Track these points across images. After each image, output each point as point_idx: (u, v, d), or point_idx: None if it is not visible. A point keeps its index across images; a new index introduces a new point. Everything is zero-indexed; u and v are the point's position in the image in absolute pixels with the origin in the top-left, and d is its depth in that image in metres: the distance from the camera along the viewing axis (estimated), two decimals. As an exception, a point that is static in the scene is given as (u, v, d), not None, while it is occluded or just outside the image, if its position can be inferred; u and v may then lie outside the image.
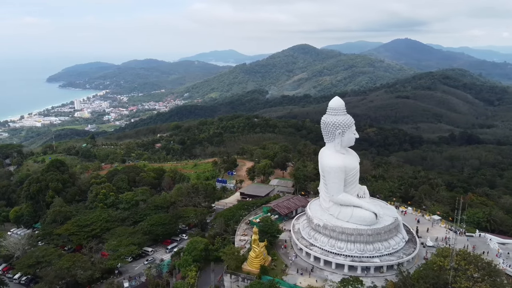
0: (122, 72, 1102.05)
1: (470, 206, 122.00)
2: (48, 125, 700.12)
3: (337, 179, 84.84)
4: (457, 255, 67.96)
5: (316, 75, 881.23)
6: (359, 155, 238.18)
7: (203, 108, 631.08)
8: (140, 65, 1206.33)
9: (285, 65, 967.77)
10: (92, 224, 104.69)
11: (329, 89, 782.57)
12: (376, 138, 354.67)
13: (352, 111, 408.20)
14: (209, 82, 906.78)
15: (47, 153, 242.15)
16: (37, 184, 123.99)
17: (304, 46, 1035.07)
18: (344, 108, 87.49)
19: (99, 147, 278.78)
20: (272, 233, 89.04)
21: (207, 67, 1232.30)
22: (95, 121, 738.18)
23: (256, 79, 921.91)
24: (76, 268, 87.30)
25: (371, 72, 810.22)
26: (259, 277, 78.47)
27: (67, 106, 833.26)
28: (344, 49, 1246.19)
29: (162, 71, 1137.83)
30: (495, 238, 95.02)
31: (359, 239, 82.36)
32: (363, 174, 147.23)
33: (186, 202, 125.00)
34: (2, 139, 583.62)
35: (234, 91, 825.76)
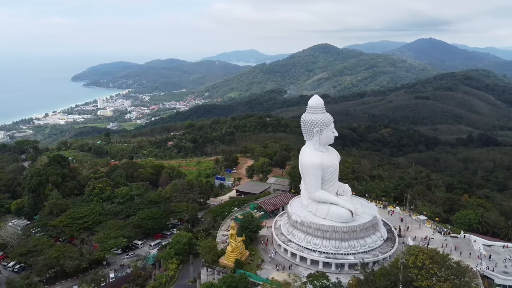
0: (145, 71, 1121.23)
1: (465, 207, 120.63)
2: (71, 122, 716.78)
3: (314, 176, 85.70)
4: (423, 254, 67.78)
5: (337, 75, 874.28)
6: (368, 154, 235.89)
7: (221, 107, 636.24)
8: (162, 64, 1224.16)
9: (305, 64, 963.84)
10: (85, 217, 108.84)
11: (349, 89, 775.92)
12: (390, 139, 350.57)
13: (370, 112, 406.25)
14: (228, 81, 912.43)
15: (61, 149, 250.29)
16: (38, 177, 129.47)
17: (324, 45, 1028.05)
18: (323, 106, 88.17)
19: (113, 144, 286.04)
20: (252, 228, 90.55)
21: (227, 67, 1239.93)
22: (117, 119, 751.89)
23: (276, 79, 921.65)
24: (64, 258, 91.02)
25: (393, 72, 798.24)
26: (234, 271, 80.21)
27: (90, 104, 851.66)
28: (367, 48, 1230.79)
29: (184, 70, 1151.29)
30: (480, 239, 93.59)
31: (334, 236, 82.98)
32: (359, 173, 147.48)
33: (181, 198, 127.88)
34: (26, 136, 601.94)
35: (253, 91, 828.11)
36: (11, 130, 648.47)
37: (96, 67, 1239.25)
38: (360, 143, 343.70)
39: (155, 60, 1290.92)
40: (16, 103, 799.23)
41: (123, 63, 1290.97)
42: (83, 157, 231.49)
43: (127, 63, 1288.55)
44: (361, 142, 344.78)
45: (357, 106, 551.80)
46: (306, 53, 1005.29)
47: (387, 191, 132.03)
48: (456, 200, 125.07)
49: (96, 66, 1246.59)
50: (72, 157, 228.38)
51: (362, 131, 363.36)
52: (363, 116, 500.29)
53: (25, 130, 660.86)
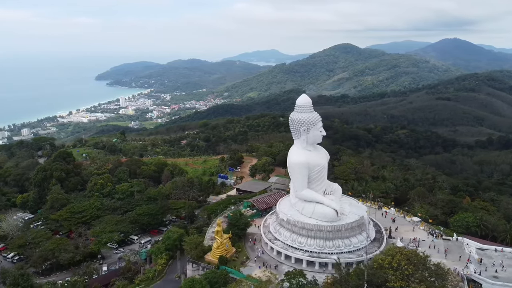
0: (167, 71, 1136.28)
1: (466, 210, 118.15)
2: (94, 121, 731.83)
3: (300, 175, 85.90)
4: (400, 255, 67.05)
5: (357, 75, 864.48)
6: (378, 156, 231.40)
7: (239, 107, 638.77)
8: (184, 64, 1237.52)
9: (325, 64, 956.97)
10: (84, 211, 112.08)
11: (370, 89, 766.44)
12: (407, 140, 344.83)
13: (389, 112, 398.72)
14: (248, 81, 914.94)
15: (76, 146, 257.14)
16: (43, 172, 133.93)
17: (346, 45, 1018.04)
18: (310, 105, 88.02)
19: (128, 142, 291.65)
20: (240, 226, 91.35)
21: (248, 67, 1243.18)
22: (138, 118, 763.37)
23: (295, 79, 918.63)
24: (59, 251, 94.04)
25: (415, 73, 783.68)
26: (218, 267, 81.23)
27: (113, 103, 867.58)
28: (390, 48, 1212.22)
29: (205, 70, 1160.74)
30: (473, 243, 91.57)
31: (319, 235, 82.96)
32: (362, 174, 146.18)
33: (180, 195, 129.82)
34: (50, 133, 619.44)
35: (273, 91, 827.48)
36: (36, 127, 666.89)
37: (119, 67, 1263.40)
38: (375, 144, 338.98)
39: (177, 60, 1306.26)
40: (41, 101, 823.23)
41: (146, 63, 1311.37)
42: (97, 154, 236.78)
43: (149, 63, 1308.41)
44: (376, 143, 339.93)
45: (377, 107, 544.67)
46: (327, 53, 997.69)
47: (387, 192, 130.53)
48: (457, 202, 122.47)
49: (120, 66, 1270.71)
50: (86, 154, 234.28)
51: (377, 132, 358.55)
52: (382, 116, 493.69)
53: (49, 128, 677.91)
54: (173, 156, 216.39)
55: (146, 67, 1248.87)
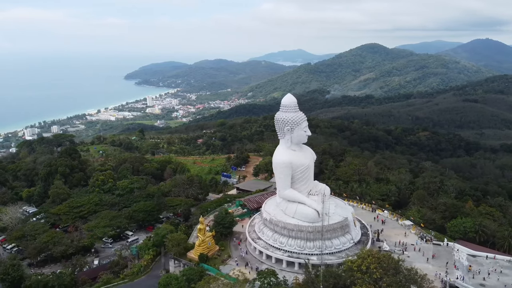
0: (193, 71, 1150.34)
1: (467, 215, 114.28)
2: (121, 119, 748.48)
3: (282, 174, 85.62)
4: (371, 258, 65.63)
5: (384, 75, 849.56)
6: (390, 157, 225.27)
7: (261, 107, 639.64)
8: (210, 65, 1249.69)
9: (351, 64, 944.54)
10: (82, 206, 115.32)
11: (396, 90, 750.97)
12: (428, 143, 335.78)
13: (414, 114, 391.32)
14: (272, 81, 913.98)
15: (94, 143, 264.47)
16: (48, 168, 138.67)
17: (373, 45, 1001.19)
18: (295, 105, 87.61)
19: (146, 140, 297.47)
20: (224, 224, 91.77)
21: (273, 67, 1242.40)
22: (164, 117, 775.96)
23: (321, 79, 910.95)
24: (53, 244, 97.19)
25: (444, 74, 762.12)
26: (198, 264, 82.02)
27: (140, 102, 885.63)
28: (420, 49, 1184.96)
29: (230, 71, 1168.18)
30: (465, 249, 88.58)
31: (299, 235, 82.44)
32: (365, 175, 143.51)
33: (179, 193, 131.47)
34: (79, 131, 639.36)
35: (297, 91, 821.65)
36: (65, 124, 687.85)
37: (147, 67, 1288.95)
38: (395, 146, 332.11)
39: (203, 61, 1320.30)
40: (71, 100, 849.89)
41: (174, 63, 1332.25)
42: (113, 151, 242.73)
43: (177, 63, 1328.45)
44: (396, 145, 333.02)
45: (402, 108, 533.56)
46: (354, 52, 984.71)
47: (387, 194, 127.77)
48: (459, 207, 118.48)
49: (148, 66, 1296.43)
50: (102, 151, 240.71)
51: (397, 133, 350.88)
52: (407, 118, 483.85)
53: (78, 125, 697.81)
54: (183, 155, 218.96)
55: (173, 67, 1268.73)
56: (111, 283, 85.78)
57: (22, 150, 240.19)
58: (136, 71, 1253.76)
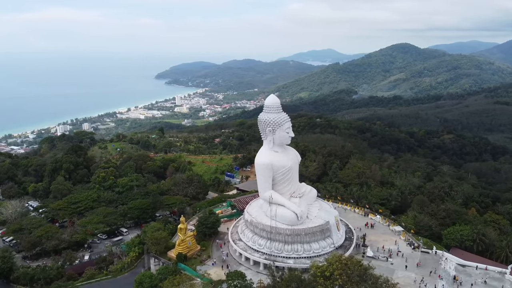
0: (222, 71, 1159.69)
1: (469, 222, 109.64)
2: (150, 118, 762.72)
3: (262, 176, 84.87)
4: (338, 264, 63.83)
5: (415, 76, 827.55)
6: (404, 160, 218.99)
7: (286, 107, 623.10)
8: (238, 65, 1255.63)
9: (381, 64, 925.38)
10: (79, 202, 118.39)
11: (427, 91, 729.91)
12: (452, 146, 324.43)
13: (443, 116, 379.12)
14: (299, 81, 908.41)
15: (113, 140, 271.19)
16: (54, 164, 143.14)
17: (404, 45, 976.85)
18: (278, 106, 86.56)
19: (165, 138, 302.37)
20: (207, 225, 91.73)
21: (301, 66, 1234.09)
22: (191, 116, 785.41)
23: (349, 79, 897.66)
24: (46, 238, 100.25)
25: (477, 75, 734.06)
26: (176, 263, 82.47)
27: (169, 101, 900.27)
28: (453, 49, 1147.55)
29: (258, 70, 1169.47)
30: (454, 258, 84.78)
31: (277, 238, 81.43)
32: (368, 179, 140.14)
33: (178, 191, 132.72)
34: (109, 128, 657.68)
35: (324, 91, 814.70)
36: (96, 122, 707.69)
37: (178, 66, 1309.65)
38: (417, 148, 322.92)
39: (232, 61, 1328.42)
40: (103, 98, 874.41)
41: (203, 63, 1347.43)
42: (130, 149, 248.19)
43: (206, 63, 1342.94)
44: (418, 148, 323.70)
45: (430, 110, 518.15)
46: (384, 52, 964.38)
47: (388, 199, 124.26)
48: (462, 213, 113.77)
49: (178, 66, 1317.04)
50: (120, 149, 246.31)
51: (421, 136, 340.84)
52: (435, 120, 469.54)
53: (108, 123, 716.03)
54: (196, 153, 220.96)
55: (203, 67, 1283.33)
56: (94, 278, 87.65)
57: (43, 146, 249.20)
58: (167, 70, 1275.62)
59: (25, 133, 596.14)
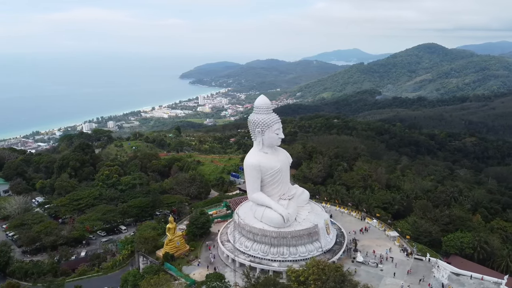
0: (244, 71, 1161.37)
1: (472, 229, 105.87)
2: (173, 117, 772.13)
3: (250, 177, 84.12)
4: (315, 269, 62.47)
5: (442, 77, 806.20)
6: (423, 164, 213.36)
7: (307, 107, 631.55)
8: (261, 65, 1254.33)
9: (407, 65, 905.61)
10: (81, 199, 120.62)
11: (453, 92, 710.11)
12: (473, 149, 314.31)
13: (468, 118, 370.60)
14: (322, 81, 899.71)
15: (130, 139, 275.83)
16: (61, 161, 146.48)
17: (431, 45, 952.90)
18: (267, 107, 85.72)
19: (181, 137, 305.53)
20: (197, 225, 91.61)
21: (325, 66, 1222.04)
22: (213, 115, 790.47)
23: (373, 79, 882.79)
24: (46, 234, 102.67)
25: (505, 76, 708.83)
26: (162, 262, 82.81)
27: (192, 101, 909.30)
28: (483, 49, 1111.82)
29: (281, 70, 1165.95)
30: (448, 266, 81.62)
31: (263, 240, 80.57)
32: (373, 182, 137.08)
33: (181, 191, 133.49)
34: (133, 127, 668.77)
35: (348, 91, 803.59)
36: (121, 120, 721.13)
37: (202, 66, 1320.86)
38: (437, 151, 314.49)
39: (255, 61, 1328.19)
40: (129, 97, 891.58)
41: (227, 63, 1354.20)
42: (145, 147, 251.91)
43: (230, 63, 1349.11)
44: (439, 151, 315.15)
45: (455, 112, 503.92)
46: (410, 52, 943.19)
47: (390, 203, 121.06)
48: (466, 220, 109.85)
49: (203, 66, 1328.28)
50: (135, 147, 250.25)
51: (441, 138, 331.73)
52: (459, 122, 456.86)
53: (133, 122, 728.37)
54: (205, 153, 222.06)
55: (226, 67, 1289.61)
56: (85, 274, 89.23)
57: (62, 144, 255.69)
58: (191, 70, 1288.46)
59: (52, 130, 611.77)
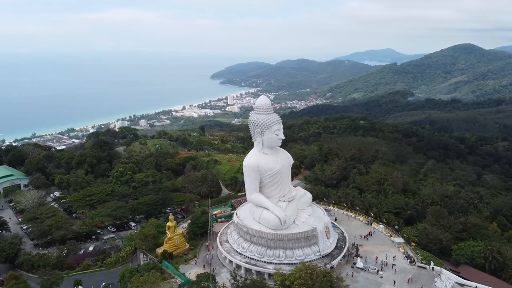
0: (274, 71, 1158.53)
1: (487, 237, 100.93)
2: (203, 116, 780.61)
3: (248, 178, 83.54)
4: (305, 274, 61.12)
5: (478, 79, 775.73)
6: (461, 170, 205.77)
7: (336, 108, 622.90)
8: (291, 65, 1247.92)
9: (442, 65, 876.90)
10: (93, 195, 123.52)
11: (490, 94, 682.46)
12: (505, 154, 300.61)
13: (503, 122, 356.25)
14: (353, 82, 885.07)
15: (154, 137, 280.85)
16: (78, 158, 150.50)
17: (467, 45, 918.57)
18: (268, 107, 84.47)
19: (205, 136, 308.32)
20: (198, 224, 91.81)
21: (357, 66, 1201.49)
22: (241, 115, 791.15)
23: (407, 80, 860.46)
24: (57, 228, 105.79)
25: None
26: (160, 260, 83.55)
27: (221, 100, 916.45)
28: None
29: (311, 70, 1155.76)
30: (453, 276, 78.07)
31: (260, 242, 79.82)
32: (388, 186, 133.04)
33: (192, 189, 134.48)
34: (164, 125, 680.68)
35: (380, 92, 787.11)
36: (152, 119, 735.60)
37: (233, 67, 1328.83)
38: (467, 155, 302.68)
39: (285, 60, 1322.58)
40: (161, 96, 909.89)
41: (257, 63, 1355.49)
42: (168, 145, 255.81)
43: (260, 63, 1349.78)
44: (468, 155, 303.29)
45: (489, 115, 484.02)
46: (445, 53, 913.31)
47: (403, 208, 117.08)
48: (481, 228, 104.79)
49: (233, 66, 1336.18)
50: (159, 145, 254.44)
51: (472, 142, 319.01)
52: (494, 126, 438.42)
53: (164, 120, 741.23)
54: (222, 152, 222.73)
55: (256, 67, 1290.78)
56: (89, 269, 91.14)
57: (88, 141, 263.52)
58: (222, 70, 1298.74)
59: (86, 127, 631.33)
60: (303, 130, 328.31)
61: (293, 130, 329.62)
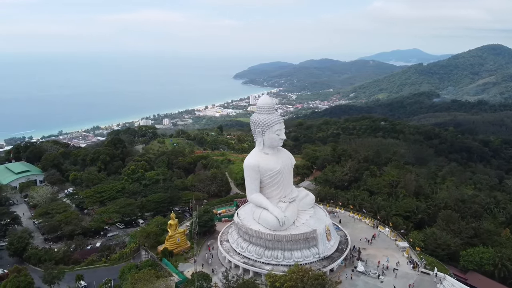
0: (297, 71, 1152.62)
1: (499, 244, 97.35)
2: (224, 115, 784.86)
3: (248, 178, 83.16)
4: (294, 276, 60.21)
5: (507, 80, 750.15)
6: (483, 174, 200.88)
7: (359, 108, 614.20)
8: (314, 64, 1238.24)
9: (469, 66, 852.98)
10: (104, 192, 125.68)
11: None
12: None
13: None
14: (378, 82, 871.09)
15: (172, 136, 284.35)
16: (92, 155, 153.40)
17: (496, 46, 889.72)
18: (269, 107, 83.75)
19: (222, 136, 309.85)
20: (199, 223, 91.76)
21: (382, 66, 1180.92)
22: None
23: (433, 81, 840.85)
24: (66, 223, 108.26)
25: None
26: (161, 258, 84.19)
27: (243, 100, 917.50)
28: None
29: (335, 70, 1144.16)
30: (456, 283, 75.45)
31: (258, 242, 79.39)
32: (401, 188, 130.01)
33: (202, 188, 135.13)
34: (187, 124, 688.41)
35: (405, 93, 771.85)
36: (175, 118, 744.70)
37: (255, 67, 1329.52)
38: (491, 159, 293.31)
39: (308, 60, 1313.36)
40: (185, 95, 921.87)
41: (280, 63, 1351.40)
42: (185, 144, 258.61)
43: (283, 63, 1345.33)
44: (492, 158, 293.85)
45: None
46: (473, 53, 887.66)
47: (414, 211, 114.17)
48: (493, 234, 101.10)
49: (256, 66, 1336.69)
50: (176, 144, 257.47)
51: (496, 145, 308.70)
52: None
53: (186, 119, 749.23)
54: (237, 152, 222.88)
55: (279, 67, 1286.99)
56: (93, 264, 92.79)
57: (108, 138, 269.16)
58: (245, 70, 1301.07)
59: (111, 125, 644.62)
60: (321, 131, 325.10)
61: (311, 131, 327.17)
